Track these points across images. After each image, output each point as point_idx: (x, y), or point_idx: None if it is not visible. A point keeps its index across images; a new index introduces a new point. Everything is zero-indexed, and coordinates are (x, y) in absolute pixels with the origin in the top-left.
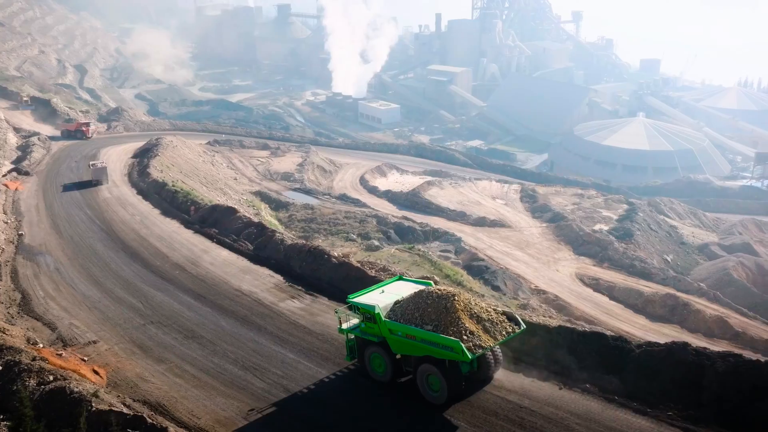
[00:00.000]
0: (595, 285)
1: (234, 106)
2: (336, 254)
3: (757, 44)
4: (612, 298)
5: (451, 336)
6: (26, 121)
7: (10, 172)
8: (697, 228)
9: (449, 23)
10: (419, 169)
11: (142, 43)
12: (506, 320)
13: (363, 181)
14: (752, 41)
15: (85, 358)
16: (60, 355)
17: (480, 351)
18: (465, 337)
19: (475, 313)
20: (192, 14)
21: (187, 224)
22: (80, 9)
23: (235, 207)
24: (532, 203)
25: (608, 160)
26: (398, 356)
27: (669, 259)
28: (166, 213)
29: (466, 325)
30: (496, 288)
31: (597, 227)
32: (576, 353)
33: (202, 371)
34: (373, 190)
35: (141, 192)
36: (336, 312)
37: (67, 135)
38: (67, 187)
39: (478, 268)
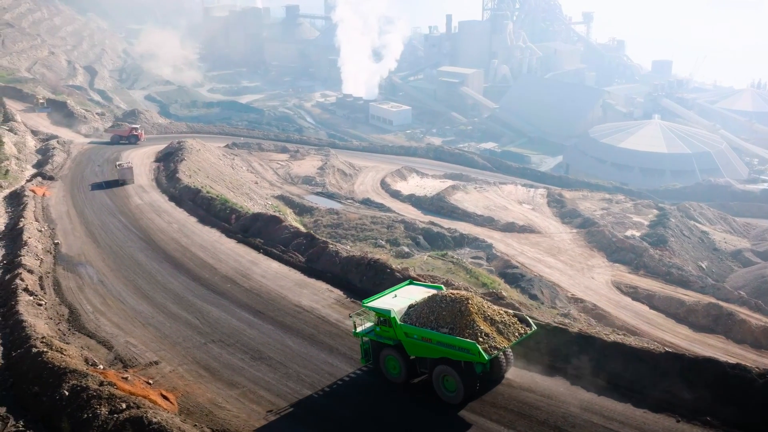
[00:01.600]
0: (633, 293)
1: (245, 108)
2: (398, 267)
3: (762, 44)
4: (652, 307)
5: (466, 338)
6: (43, 123)
7: (34, 177)
8: (728, 233)
9: (459, 24)
10: (439, 172)
11: (150, 44)
12: (518, 322)
13: (384, 185)
14: (757, 42)
15: (150, 381)
16: (125, 378)
17: (495, 352)
18: (480, 339)
19: (489, 315)
20: (199, 15)
21: (228, 233)
22: (86, 10)
23: (279, 216)
24: (560, 208)
25: (625, 162)
26: (412, 358)
27: (704, 266)
28: (203, 221)
29: (481, 328)
30: (533, 296)
31: (629, 233)
32: (688, 382)
33: (279, 397)
34: (395, 194)
35: (173, 198)
36: (350, 316)
37: (118, 140)
38: (95, 193)
39: (513, 276)
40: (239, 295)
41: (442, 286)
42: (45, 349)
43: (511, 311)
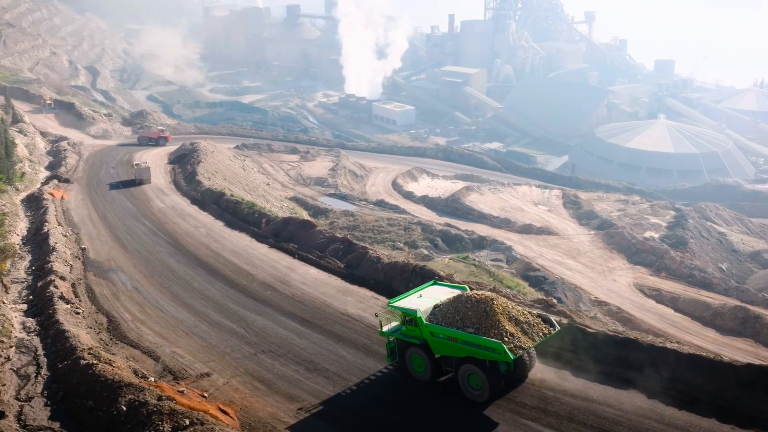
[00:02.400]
0: (657, 296)
1: (248, 108)
2: (444, 274)
3: (762, 45)
4: (677, 310)
5: (492, 338)
6: (51, 125)
7: (50, 179)
8: (745, 234)
9: (462, 24)
10: (449, 173)
11: (150, 44)
12: (541, 322)
13: (396, 186)
14: (757, 42)
15: (205, 394)
16: (182, 392)
17: (520, 352)
18: (506, 339)
19: (513, 315)
20: (199, 15)
21: (259, 238)
22: (85, 10)
23: (312, 220)
24: (576, 209)
25: (632, 162)
26: (437, 356)
27: (724, 268)
28: (231, 225)
29: (506, 328)
30: (557, 300)
31: (647, 235)
32: None
33: (345, 412)
34: (408, 196)
35: (196, 201)
36: (377, 315)
37: (146, 142)
38: (114, 196)
39: (536, 279)
40: (281, 303)
41: (466, 286)
42: (94, 362)
43: (534, 311)
